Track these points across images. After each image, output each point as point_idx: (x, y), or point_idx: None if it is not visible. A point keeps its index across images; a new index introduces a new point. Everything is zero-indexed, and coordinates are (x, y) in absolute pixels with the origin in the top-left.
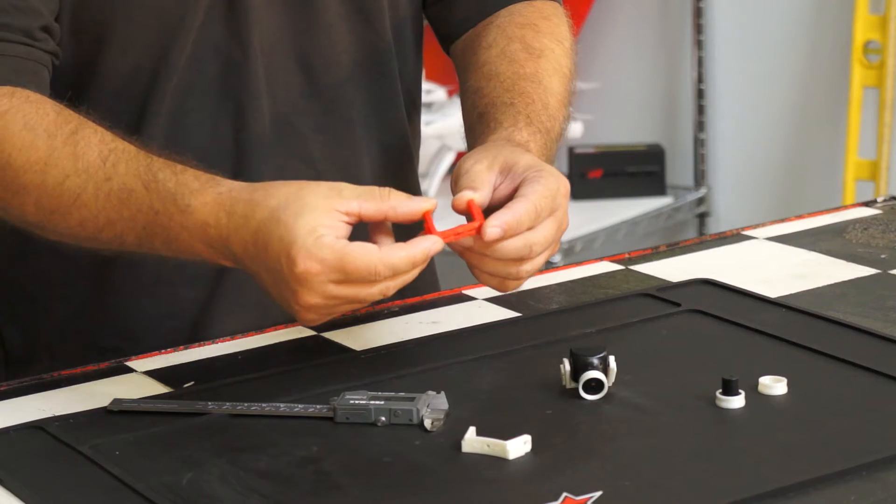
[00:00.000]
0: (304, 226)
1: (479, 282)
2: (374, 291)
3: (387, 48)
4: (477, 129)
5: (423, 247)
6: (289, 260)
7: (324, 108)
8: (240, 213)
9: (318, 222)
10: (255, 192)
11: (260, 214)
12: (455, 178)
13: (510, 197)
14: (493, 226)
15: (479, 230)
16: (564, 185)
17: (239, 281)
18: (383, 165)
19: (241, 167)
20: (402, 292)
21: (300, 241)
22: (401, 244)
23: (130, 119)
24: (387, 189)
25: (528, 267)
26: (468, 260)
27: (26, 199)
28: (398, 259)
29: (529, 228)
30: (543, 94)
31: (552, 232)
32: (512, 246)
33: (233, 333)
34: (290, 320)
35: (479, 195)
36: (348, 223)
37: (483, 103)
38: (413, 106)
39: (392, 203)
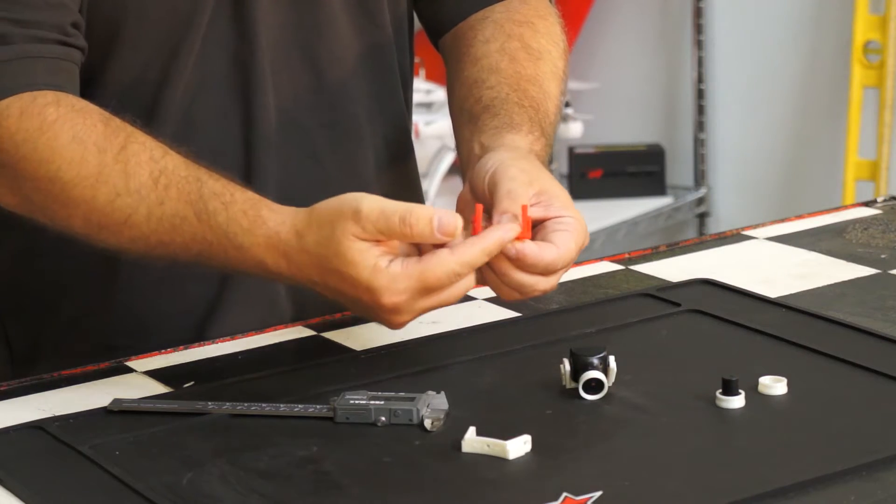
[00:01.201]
0: (364, 269)
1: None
2: (458, 291)
3: (388, 42)
4: (485, 119)
5: (497, 236)
6: (373, 299)
7: (329, 103)
8: (296, 260)
9: (373, 256)
10: (302, 239)
11: (318, 262)
12: (495, 174)
13: (537, 223)
14: (514, 247)
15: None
16: (586, 238)
17: (246, 281)
18: (386, 158)
19: (249, 163)
20: None
21: (375, 284)
22: (472, 239)
23: (140, 116)
24: (407, 218)
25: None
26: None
27: (75, 212)
28: (472, 256)
29: (541, 272)
30: (545, 100)
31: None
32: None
33: (243, 330)
34: (295, 318)
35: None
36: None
37: (489, 95)
38: (408, 98)
39: (413, 237)
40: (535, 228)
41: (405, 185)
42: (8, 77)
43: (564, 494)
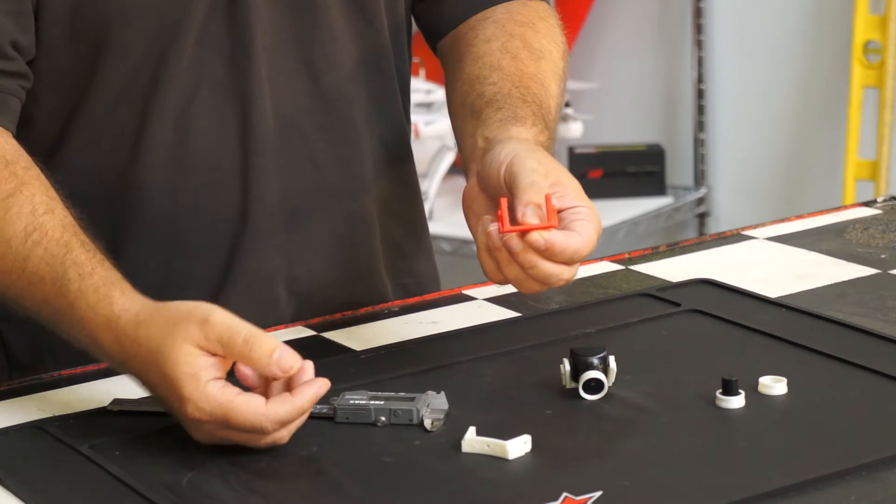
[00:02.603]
0: (185, 375)
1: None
2: (265, 441)
3: (385, 45)
4: (489, 113)
5: (310, 394)
6: (180, 405)
7: (326, 106)
8: (127, 349)
9: (198, 367)
10: (139, 330)
11: (144, 355)
12: (511, 166)
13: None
14: (541, 237)
15: (547, 228)
16: (601, 228)
17: (245, 282)
18: (384, 162)
19: (246, 167)
20: (406, 291)
21: (186, 392)
22: (286, 396)
23: (133, 122)
24: (250, 342)
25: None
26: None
27: None
28: (285, 413)
29: (567, 261)
30: (547, 98)
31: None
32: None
33: None
34: (294, 319)
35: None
36: (224, 357)
37: (492, 90)
38: (407, 102)
39: (250, 363)
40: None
41: (403, 187)
42: None
43: (564, 494)
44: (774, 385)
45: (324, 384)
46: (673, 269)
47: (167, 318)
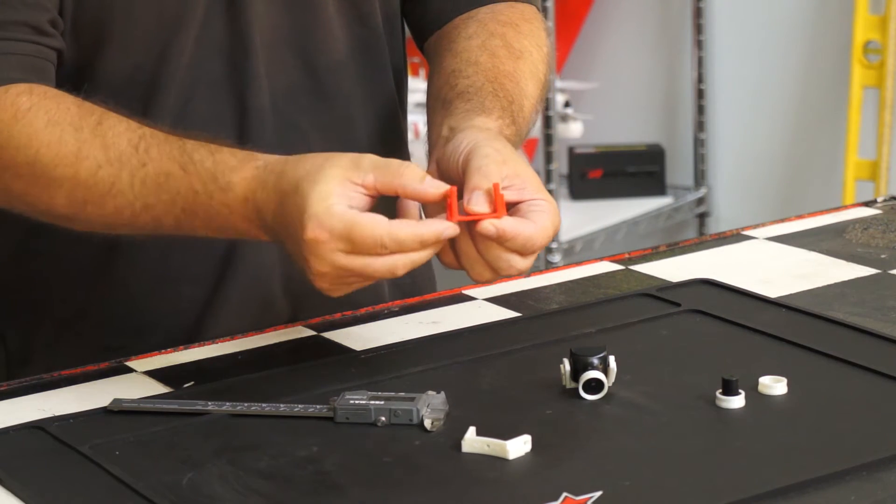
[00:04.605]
0: (318, 194)
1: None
2: (382, 266)
3: (381, 44)
4: (458, 104)
5: (434, 229)
6: (301, 227)
7: (324, 105)
8: (272, 185)
9: (332, 191)
10: (287, 164)
11: (286, 185)
12: (469, 154)
13: (510, 207)
14: (492, 225)
15: (494, 216)
16: (559, 221)
17: (242, 279)
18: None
19: None
20: (402, 291)
21: (312, 209)
22: (411, 221)
23: (133, 118)
24: (405, 165)
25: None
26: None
27: (57, 192)
28: (405, 235)
29: (519, 249)
30: (520, 97)
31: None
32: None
33: (235, 332)
34: (290, 320)
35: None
36: (367, 195)
37: (465, 83)
38: (401, 99)
39: (402, 181)
40: (510, 212)
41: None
42: None
43: (564, 494)
44: (774, 385)
45: (451, 228)
46: (673, 269)
47: (318, 155)
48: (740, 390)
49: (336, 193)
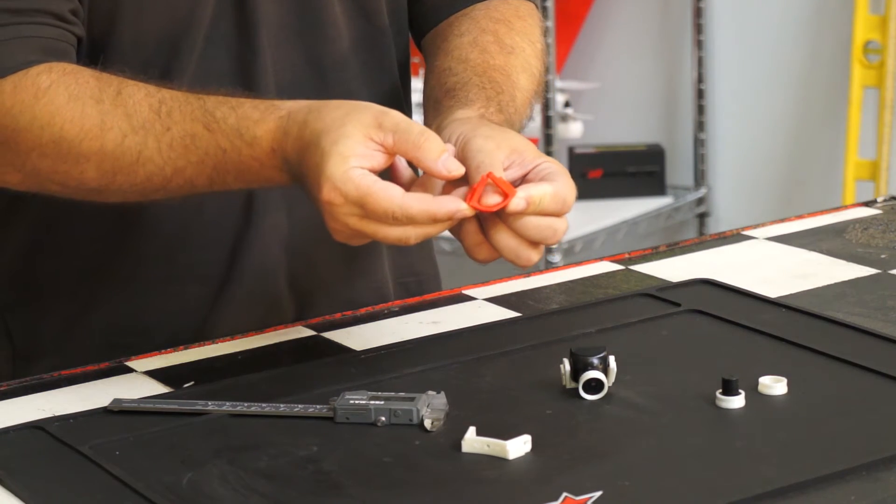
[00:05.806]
0: (337, 155)
1: (482, 254)
2: (393, 234)
3: (388, 43)
4: (445, 102)
5: (447, 208)
6: (318, 187)
7: (329, 99)
8: (294, 133)
9: (352, 152)
10: (310, 113)
11: (309, 135)
12: (462, 150)
13: (520, 181)
14: (520, 198)
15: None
16: (574, 190)
17: (248, 278)
18: None
19: None
20: (408, 290)
21: (329, 170)
22: (426, 196)
23: None
24: (426, 136)
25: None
26: (487, 229)
27: (86, 166)
28: (416, 210)
29: (552, 214)
30: (511, 88)
31: (563, 226)
32: (534, 224)
33: (242, 331)
34: (297, 318)
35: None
36: (386, 153)
37: (453, 81)
38: (407, 97)
39: (419, 154)
40: (520, 186)
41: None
42: (3, 58)
43: (564, 494)
44: (774, 385)
45: (464, 209)
46: (673, 269)
47: (341, 105)
48: (740, 390)
49: (356, 154)
